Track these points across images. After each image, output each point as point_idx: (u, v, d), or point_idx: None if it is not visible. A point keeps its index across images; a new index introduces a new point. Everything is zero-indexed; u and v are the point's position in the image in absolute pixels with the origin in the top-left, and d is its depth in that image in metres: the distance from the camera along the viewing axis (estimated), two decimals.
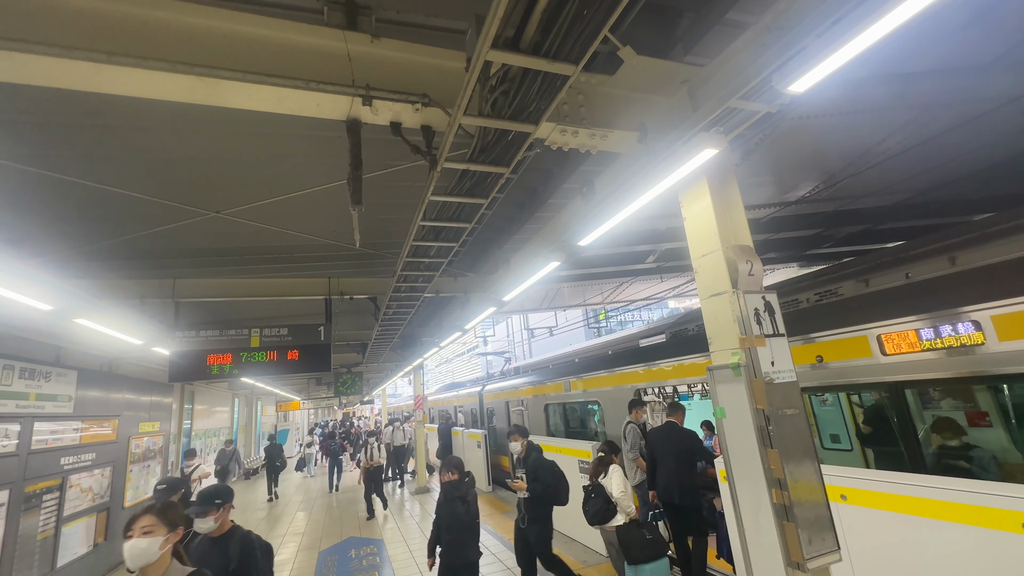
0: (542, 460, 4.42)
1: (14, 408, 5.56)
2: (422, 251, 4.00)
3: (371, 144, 2.95)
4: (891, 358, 3.55)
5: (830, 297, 4.74)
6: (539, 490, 4.29)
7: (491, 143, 2.42)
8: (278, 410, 23.90)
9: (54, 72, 1.88)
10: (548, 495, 4.32)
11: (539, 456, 4.47)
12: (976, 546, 2.76)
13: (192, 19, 2.03)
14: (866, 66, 3.30)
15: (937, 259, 3.98)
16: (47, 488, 6.09)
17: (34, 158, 3.07)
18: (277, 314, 7.99)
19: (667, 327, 7.68)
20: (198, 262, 5.24)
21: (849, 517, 3.39)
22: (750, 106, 2.28)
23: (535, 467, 4.38)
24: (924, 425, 3.58)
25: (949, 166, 5.30)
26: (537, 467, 4.38)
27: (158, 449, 9.82)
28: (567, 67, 1.85)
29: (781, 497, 2.32)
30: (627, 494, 4.06)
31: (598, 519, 4.06)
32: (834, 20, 1.74)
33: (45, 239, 4.23)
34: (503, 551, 6.49)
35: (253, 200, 3.92)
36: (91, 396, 7.21)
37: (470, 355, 51.22)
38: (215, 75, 1.98)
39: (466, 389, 15.39)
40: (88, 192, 3.48)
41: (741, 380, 2.50)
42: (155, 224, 4.13)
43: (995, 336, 3.02)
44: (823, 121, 3.95)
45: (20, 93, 2.37)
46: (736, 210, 2.83)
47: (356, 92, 2.19)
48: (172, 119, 2.83)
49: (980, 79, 3.59)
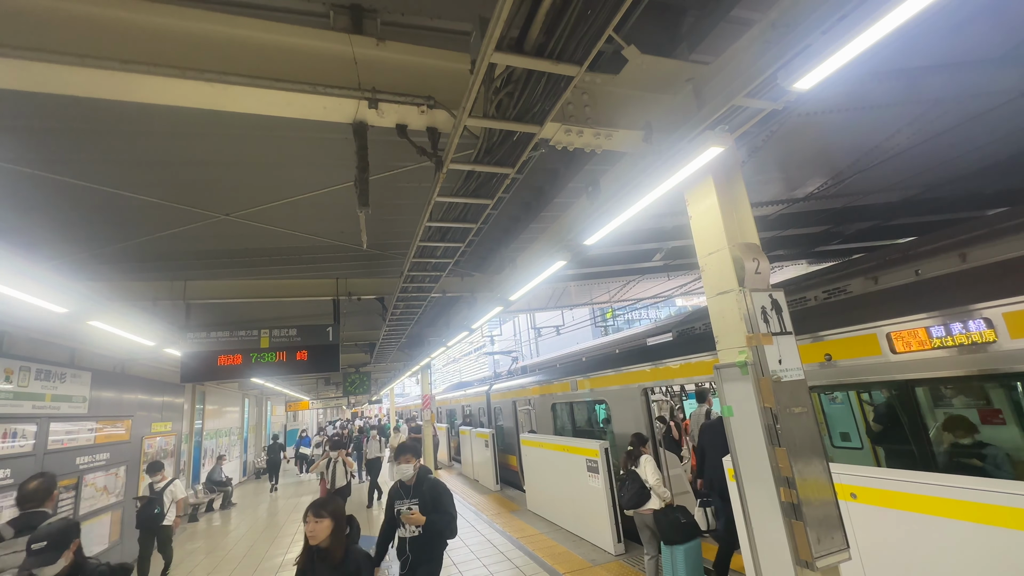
0: (441, 485, 3.60)
1: (31, 409, 5.67)
2: (429, 251, 4.03)
3: (377, 146, 2.98)
4: (901, 356, 3.52)
5: (839, 295, 4.70)
6: (441, 523, 3.38)
7: (496, 144, 2.44)
8: (287, 410, 24.12)
9: (69, 80, 1.92)
10: (449, 530, 3.45)
11: (436, 482, 3.62)
12: (989, 545, 2.73)
13: (201, 25, 2.07)
14: (873, 62, 3.27)
15: (948, 255, 3.93)
16: (63, 487, 6.19)
17: (47, 163, 3.13)
18: (286, 315, 8.07)
19: (674, 326, 7.65)
20: (208, 264, 5.31)
21: (859, 516, 3.37)
22: (755, 103, 2.27)
23: (435, 494, 3.48)
24: (935, 423, 3.55)
25: (960, 161, 5.23)
26: (438, 494, 3.49)
27: (170, 449, 9.96)
28: (571, 68, 1.86)
29: (789, 496, 2.31)
30: (661, 480, 4.44)
31: (632, 503, 4.47)
32: (839, 16, 1.73)
33: (59, 243, 4.31)
34: (512, 549, 6.52)
35: (261, 202, 3.96)
36: (105, 397, 7.32)
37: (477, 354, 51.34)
38: (224, 80, 2.02)
39: (473, 388, 15.43)
40: (100, 196, 3.54)
41: (748, 378, 2.49)
42: (166, 227, 4.19)
43: (1007, 333, 2.99)
44: (830, 117, 3.92)
45: (34, 100, 2.41)
46: (742, 208, 2.82)
47: (362, 95, 2.22)
48: (182, 123, 2.88)
49: (990, 73, 3.55)
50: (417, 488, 3.55)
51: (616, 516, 5.96)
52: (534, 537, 6.96)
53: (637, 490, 4.42)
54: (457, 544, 7.05)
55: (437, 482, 3.62)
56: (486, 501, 9.76)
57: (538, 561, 5.95)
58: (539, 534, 7.07)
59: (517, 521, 7.93)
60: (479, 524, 8.04)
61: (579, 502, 6.63)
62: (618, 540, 5.89)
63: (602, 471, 6.03)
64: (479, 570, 5.91)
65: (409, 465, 3.60)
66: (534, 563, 5.91)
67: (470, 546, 6.91)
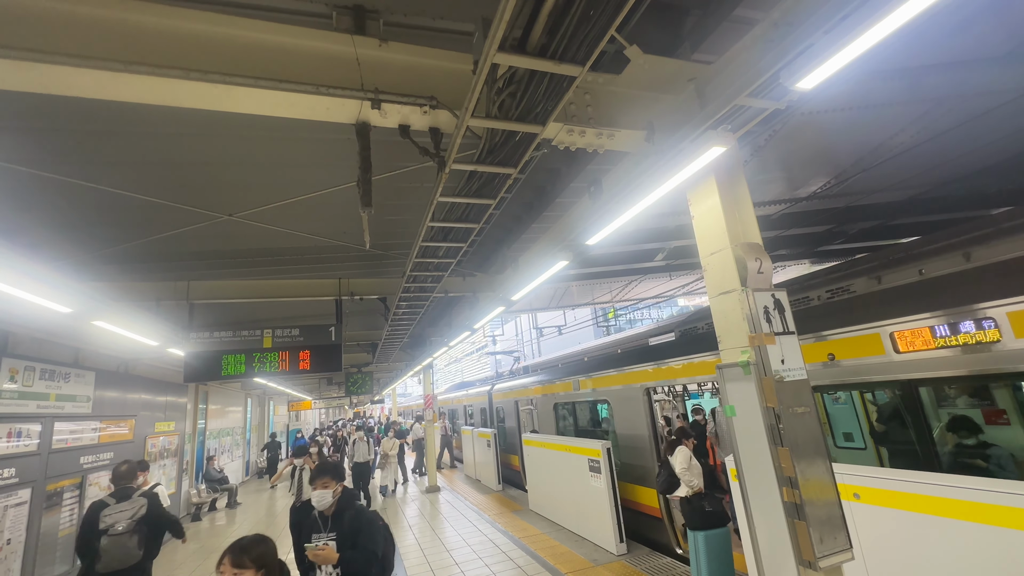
0: (367, 516, 2.98)
1: (35, 408, 5.70)
2: (431, 251, 4.03)
3: (380, 146, 2.99)
4: (905, 356, 3.51)
5: (842, 294, 4.69)
6: (357, 563, 2.72)
7: (499, 144, 2.44)
8: (290, 409, 24.17)
9: (73, 81, 1.93)
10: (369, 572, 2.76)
11: (362, 511, 3.01)
12: (993, 546, 2.73)
13: (205, 27, 2.08)
14: (875, 60, 3.26)
15: (951, 255, 3.92)
16: (67, 487, 6.23)
17: (51, 164, 3.15)
18: (289, 315, 8.09)
19: (676, 325, 7.64)
20: (212, 264, 5.33)
21: (862, 516, 3.36)
22: (758, 103, 2.27)
23: (356, 527, 2.89)
24: (939, 423, 3.54)
25: (964, 160, 5.22)
26: (359, 527, 2.89)
27: (174, 448, 9.99)
28: (574, 68, 1.86)
29: (792, 495, 2.30)
30: (690, 470, 4.70)
31: (662, 488, 4.88)
32: (842, 16, 1.72)
33: (63, 243, 4.33)
34: (514, 549, 6.52)
35: (264, 203, 3.98)
36: (108, 396, 7.36)
37: (479, 354, 51.38)
38: (228, 81, 2.03)
39: (475, 388, 15.44)
40: (104, 197, 3.56)
41: (751, 378, 2.49)
42: (169, 228, 4.21)
43: (1012, 333, 2.98)
44: (833, 116, 3.91)
45: (37, 101, 2.43)
46: (745, 207, 2.82)
47: (365, 96, 2.22)
48: (185, 124, 2.89)
49: (994, 72, 3.53)
50: (337, 519, 2.95)
51: (618, 516, 5.96)
52: (536, 537, 6.96)
53: (667, 477, 4.81)
54: (459, 544, 7.06)
55: (362, 512, 3.02)
56: (488, 501, 9.77)
57: (540, 561, 5.96)
58: (541, 534, 7.08)
59: (519, 521, 7.94)
60: (481, 524, 8.05)
61: (581, 502, 6.63)
62: (620, 540, 5.89)
63: (604, 471, 6.03)
64: (481, 569, 5.92)
65: (327, 491, 2.97)
66: (536, 563, 5.91)
67: (472, 545, 6.92)
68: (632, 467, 6.54)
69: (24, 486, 5.48)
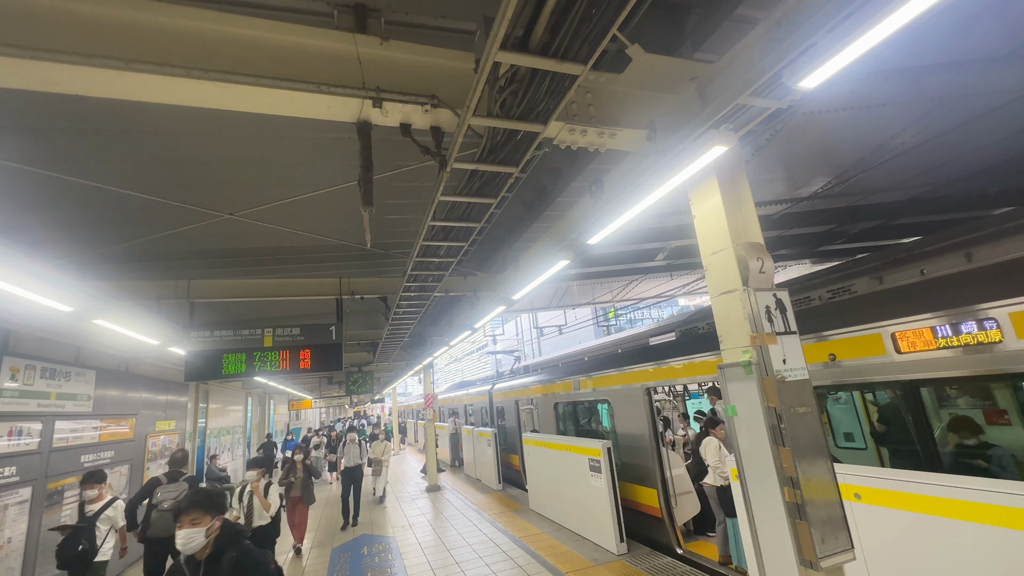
0: (252, 557, 2.34)
1: (36, 407, 5.70)
2: (432, 251, 4.03)
3: (381, 145, 2.99)
4: (906, 356, 3.50)
5: (843, 294, 4.68)
6: None
7: (500, 143, 2.44)
8: (290, 409, 24.19)
9: (74, 79, 1.93)
10: None
11: (248, 552, 2.36)
12: (993, 546, 2.72)
13: (206, 25, 2.08)
14: (877, 60, 3.25)
15: (953, 255, 3.92)
16: (68, 485, 6.23)
17: (52, 162, 3.14)
18: (289, 314, 8.10)
19: (677, 325, 7.64)
20: (212, 263, 5.33)
21: (863, 516, 3.36)
22: (760, 102, 2.26)
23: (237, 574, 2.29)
24: (940, 424, 3.53)
25: (966, 160, 5.21)
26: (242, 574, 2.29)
27: (174, 447, 9.99)
28: (576, 67, 1.86)
29: (794, 496, 2.30)
30: (720, 460, 5.02)
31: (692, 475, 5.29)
32: (845, 15, 1.72)
33: (63, 242, 4.33)
34: (514, 548, 6.52)
35: (265, 202, 3.97)
36: (109, 395, 7.36)
37: (479, 354, 51.39)
38: (229, 80, 2.02)
39: (476, 388, 15.43)
40: (105, 195, 3.55)
41: (752, 378, 2.49)
42: (170, 226, 4.21)
43: (1013, 333, 2.97)
44: (835, 116, 3.91)
45: (39, 99, 2.43)
46: (746, 207, 2.81)
47: (366, 94, 2.22)
48: (186, 123, 2.89)
49: (995, 72, 3.53)
50: (211, 565, 2.25)
51: (618, 516, 5.96)
52: (536, 536, 6.96)
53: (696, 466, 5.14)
54: (459, 543, 7.06)
55: (248, 552, 2.33)
56: (489, 500, 9.77)
57: (540, 560, 5.96)
58: (541, 533, 7.08)
59: (519, 520, 7.94)
60: (482, 523, 8.05)
61: (582, 502, 6.63)
62: (620, 540, 5.88)
63: (604, 471, 6.03)
64: (481, 569, 5.92)
65: (198, 529, 2.24)
66: (536, 562, 5.91)
67: (472, 545, 6.92)
68: (632, 467, 6.53)
69: (25, 484, 5.48)
